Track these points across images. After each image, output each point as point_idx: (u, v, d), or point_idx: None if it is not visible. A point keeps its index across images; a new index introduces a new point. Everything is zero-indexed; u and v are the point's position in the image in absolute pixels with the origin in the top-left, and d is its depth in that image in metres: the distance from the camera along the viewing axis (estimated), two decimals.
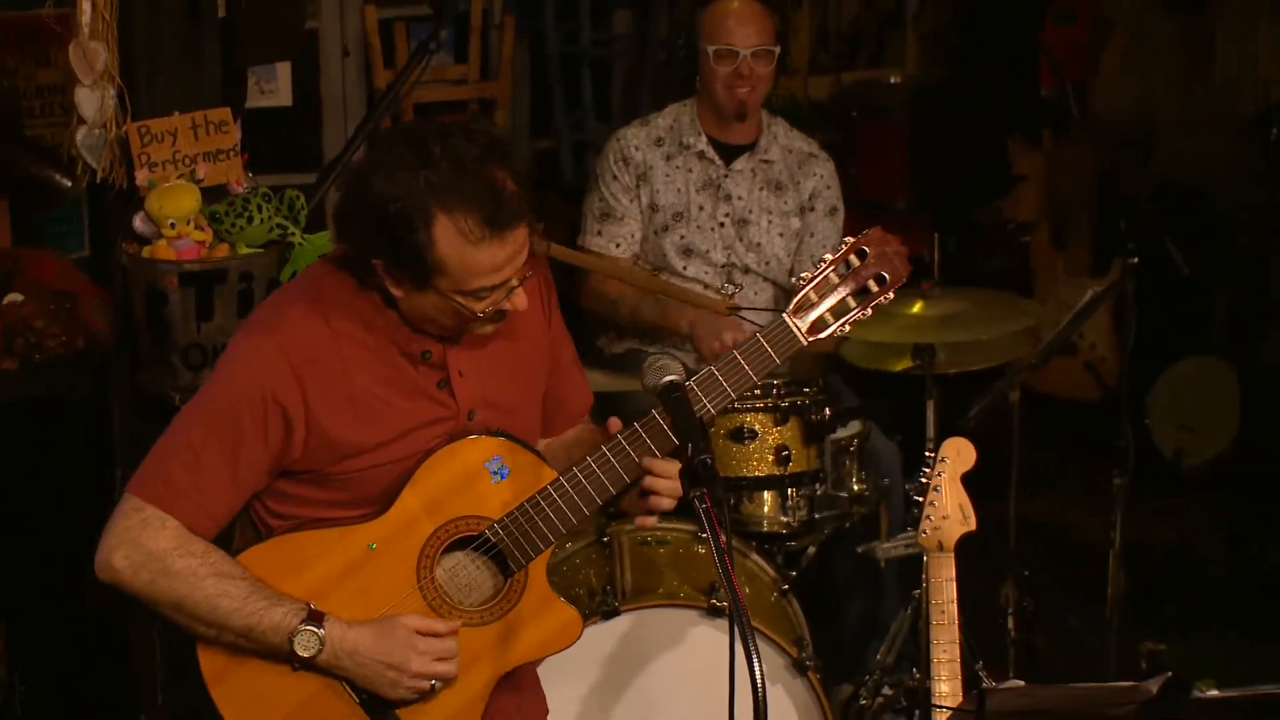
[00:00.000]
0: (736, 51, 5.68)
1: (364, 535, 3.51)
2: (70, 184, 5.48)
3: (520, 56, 7.88)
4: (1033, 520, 6.01)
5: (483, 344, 3.60)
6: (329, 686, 3.52)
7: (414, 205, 3.34)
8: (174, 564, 3.42)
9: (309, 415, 3.46)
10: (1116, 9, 8.54)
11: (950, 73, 8.80)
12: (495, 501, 3.55)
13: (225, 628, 3.44)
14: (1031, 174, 8.38)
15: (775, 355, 3.62)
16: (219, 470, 3.46)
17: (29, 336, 5.16)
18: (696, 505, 3.35)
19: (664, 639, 4.99)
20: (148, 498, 3.45)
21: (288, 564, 3.50)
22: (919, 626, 4.87)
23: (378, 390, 3.52)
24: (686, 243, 5.82)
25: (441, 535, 3.54)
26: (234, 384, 3.47)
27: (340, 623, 3.46)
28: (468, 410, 3.58)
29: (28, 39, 6.01)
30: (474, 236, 3.35)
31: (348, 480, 3.53)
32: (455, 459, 3.54)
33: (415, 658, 3.48)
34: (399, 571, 3.52)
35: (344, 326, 3.51)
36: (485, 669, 3.60)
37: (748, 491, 5.38)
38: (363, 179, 3.43)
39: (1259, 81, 8.12)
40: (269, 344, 3.47)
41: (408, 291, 3.45)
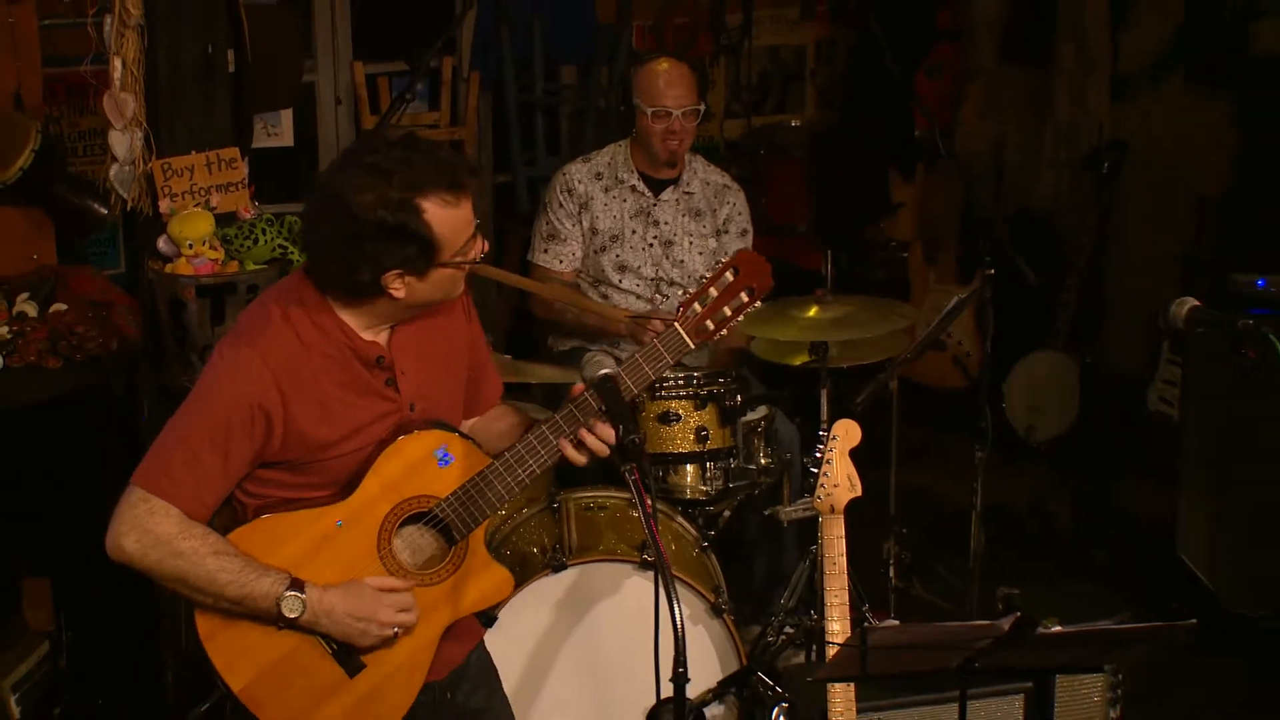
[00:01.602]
0: (670, 112, 5.67)
1: (333, 514, 3.52)
2: (106, 212, 5.45)
3: (484, 105, 7.85)
4: (909, 487, 6.03)
5: (416, 347, 3.62)
6: (305, 640, 3.53)
7: (400, 204, 3.35)
8: (179, 546, 3.41)
9: (287, 416, 3.46)
10: (975, 65, 8.55)
11: (841, 118, 8.80)
12: (441, 483, 3.57)
13: (222, 596, 3.43)
14: (907, 201, 8.39)
15: (669, 356, 3.68)
16: (213, 465, 3.44)
17: (71, 339, 5.13)
18: (627, 477, 3.38)
19: (604, 588, 4.98)
20: (152, 490, 3.43)
21: (271, 540, 3.50)
22: (815, 576, 4.86)
23: (340, 393, 3.52)
24: (621, 260, 5.80)
25: (397, 512, 3.56)
26: (224, 391, 3.45)
27: (317, 588, 3.47)
28: (409, 403, 3.60)
29: (72, 91, 5.98)
30: (451, 200, 3.40)
31: (315, 467, 3.53)
32: (408, 448, 3.56)
33: (382, 610, 3.50)
34: (363, 543, 3.54)
35: (312, 339, 3.50)
36: (436, 621, 3.64)
37: (673, 465, 5.36)
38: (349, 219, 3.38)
39: (1091, 124, 8.14)
40: (254, 357, 3.45)
41: (412, 285, 3.46)
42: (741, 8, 8.51)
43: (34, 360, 5.09)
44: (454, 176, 3.42)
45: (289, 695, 3.53)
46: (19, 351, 5.08)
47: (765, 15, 8.55)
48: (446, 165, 3.43)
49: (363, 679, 3.57)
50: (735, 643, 5.03)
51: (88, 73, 5.21)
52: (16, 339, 5.10)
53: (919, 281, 8.17)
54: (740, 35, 8.54)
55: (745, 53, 8.57)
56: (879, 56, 6.77)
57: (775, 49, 8.75)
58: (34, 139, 5.31)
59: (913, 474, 6.17)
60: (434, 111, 7.81)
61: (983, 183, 8.45)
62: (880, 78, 8.09)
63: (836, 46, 8.85)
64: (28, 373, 5.08)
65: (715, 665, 5.04)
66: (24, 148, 5.29)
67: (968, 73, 8.59)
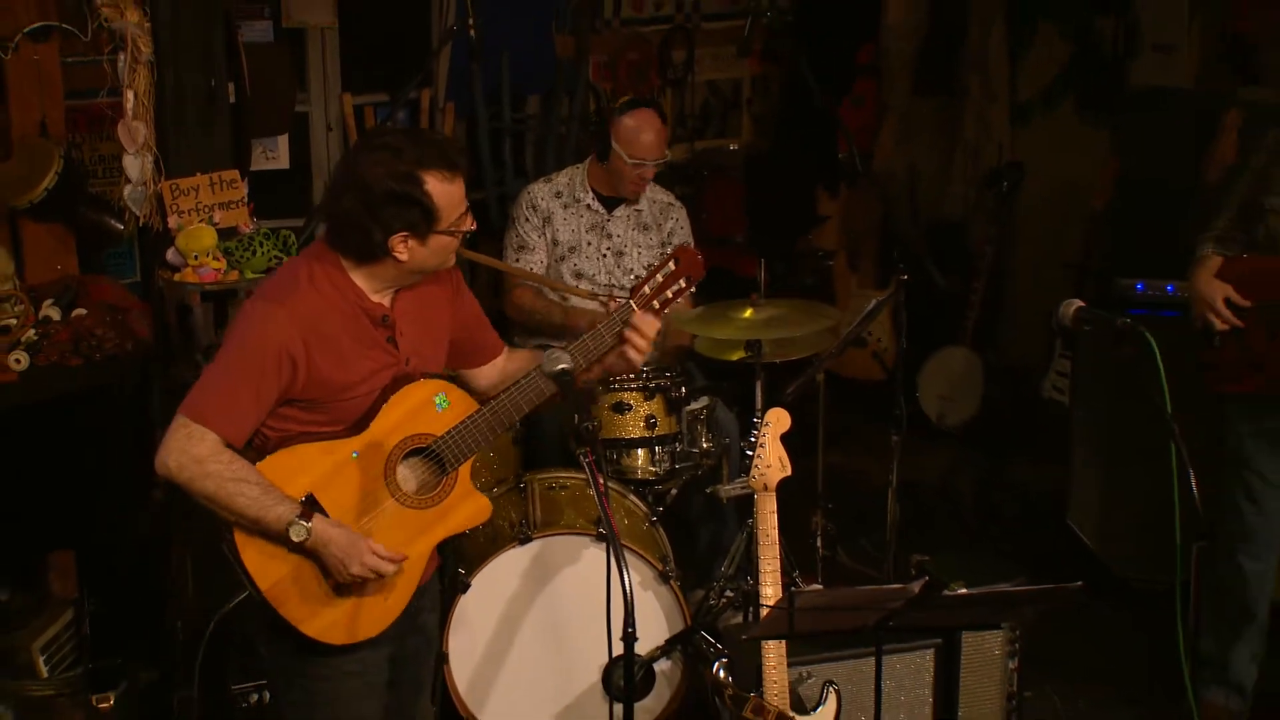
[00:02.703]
0: (644, 163, 5.70)
1: (350, 446, 3.66)
2: (122, 228, 5.44)
3: (458, 131, 7.82)
4: (834, 467, 6.03)
5: (413, 312, 3.78)
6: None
7: (406, 177, 3.55)
8: (209, 467, 3.52)
9: (309, 362, 3.58)
10: (892, 96, 8.56)
11: (774, 142, 8.80)
12: (439, 424, 3.73)
13: (242, 517, 3.55)
14: (832, 215, 8.39)
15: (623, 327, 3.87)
16: (247, 400, 3.56)
17: (90, 341, 5.10)
18: (582, 460, 3.44)
19: (565, 558, 5.00)
20: (194, 418, 3.55)
21: (298, 466, 3.63)
22: (751, 547, 4.84)
23: (352, 344, 3.65)
24: (578, 269, 5.78)
25: (402, 446, 3.71)
26: (259, 339, 3.57)
27: (324, 521, 3.60)
28: (406, 358, 3.74)
29: (91, 121, 5.91)
30: (448, 176, 3.59)
31: (328, 406, 3.65)
32: (414, 394, 3.72)
33: (356, 565, 3.61)
34: (373, 471, 3.68)
35: (331, 298, 3.65)
36: (427, 538, 3.79)
37: (625, 449, 5.36)
38: (361, 189, 3.58)
39: (993, 147, 8.16)
40: (283, 311, 3.59)
41: (414, 249, 3.63)
42: (685, 46, 8.49)
43: (57, 359, 5.08)
44: (450, 157, 3.62)
45: (305, 596, 3.66)
46: (44, 351, 5.07)
47: (706, 53, 8.55)
48: (444, 147, 3.63)
49: (370, 584, 3.69)
50: (681, 605, 5.05)
51: (104, 104, 5.19)
52: (42, 340, 5.08)
53: (843, 286, 8.17)
54: (684, 70, 8.53)
55: (689, 85, 8.56)
56: (806, 89, 6.73)
57: (715, 82, 8.74)
58: (57, 163, 5.28)
59: (837, 456, 6.18)
60: None
61: (898, 199, 8.46)
62: (808, 107, 8.08)
63: (769, 80, 8.85)
64: (52, 370, 5.08)
65: (663, 625, 5.06)
66: (48, 171, 5.25)
67: (885, 103, 8.59)
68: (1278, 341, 4.84)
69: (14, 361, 4.98)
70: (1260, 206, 4.91)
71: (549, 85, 8.15)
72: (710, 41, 8.55)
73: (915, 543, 5.94)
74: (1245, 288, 4.88)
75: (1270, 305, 4.84)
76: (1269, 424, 4.96)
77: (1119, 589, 5.96)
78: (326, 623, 3.68)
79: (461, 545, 5.19)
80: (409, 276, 3.72)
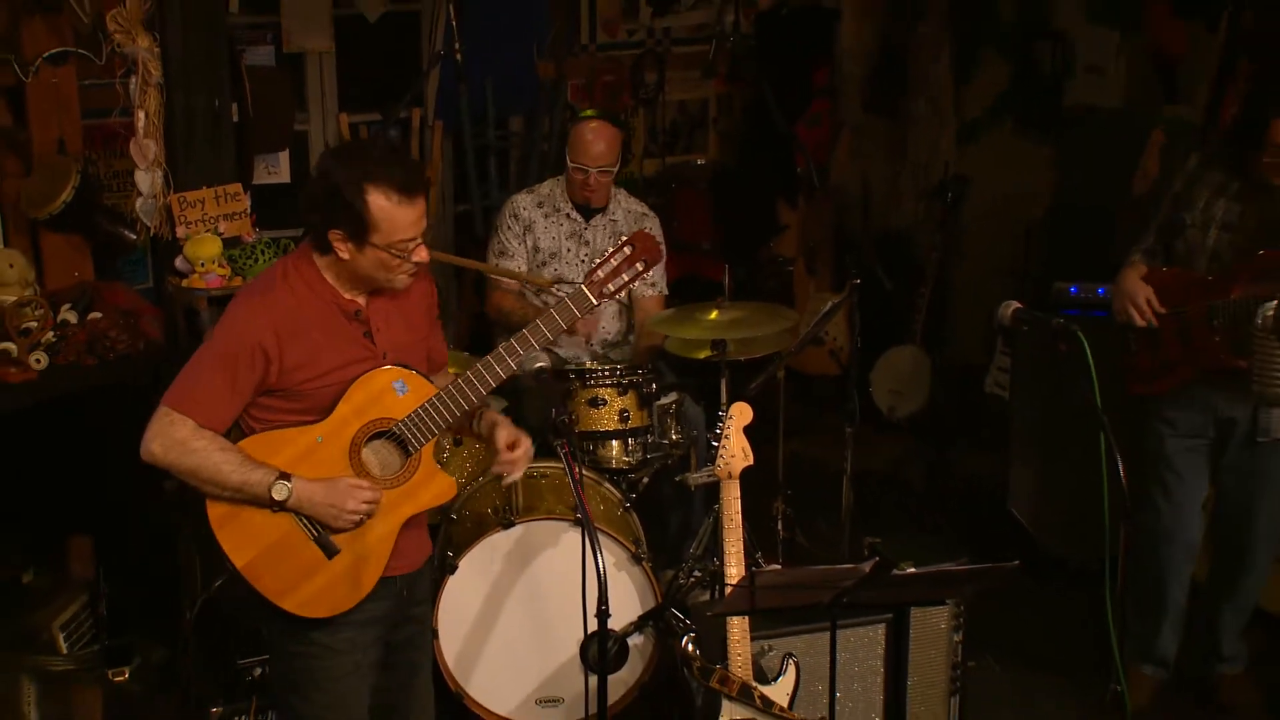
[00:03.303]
0: (587, 170, 5.67)
1: (315, 431, 3.63)
2: (134, 238, 5.42)
3: (446, 147, 7.81)
4: (793, 457, 6.03)
5: (390, 314, 3.74)
6: (294, 528, 3.63)
7: (351, 182, 3.49)
8: (192, 445, 3.54)
9: (281, 355, 3.57)
10: (846, 115, 8.57)
11: (738, 157, 8.79)
12: (400, 408, 3.68)
13: (226, 484, 3.55)
14: (792, 225, 8.39)
15: (577, 310, 3.77)
16: (222, 389, 3.56)
17: (105, 342, 5.10)
18: (559, 450, 3.41)
19: (545, 542, 4.99)
20: (173, 406, 3.58)
21: (268, 449, 3.61)
22: (717, 530, 4.86)
23: (324, 338, 3.63)
24: (558, 273, 5.78)
25: (365, 430, 3.66)
26: (235, 333, 3.58)
27: (302, 479, 3.59)
28: (383, 352, 3.70)
29: (107, 139, 5.91)
30: (394, 199, 3.51)
31: (303, 396, 3.63)
32: (372, 381, 3.66)
33: (350, 500, 3.61)
34: (337, 453, 3.64)
35: (304, 295, 3.63)
36: (397, 515, 3.74)
37: (601, 441, 5.36)
38: (321, 177, 3.58)
39: (939, 162, 8.17)
40: (257, 308, 3.61)
41: (353, 253, 3.57)
42: (656, 69, 8.49)
43: (75, 359, 5.08)
44: (404, 180, 3.53)
45: (280, 571, 3.63)
46: (63, 352, 5.06)
47: (675, 75, 8.54)
48: (400, 168, 3.55)
49: (338, 561, 3.65)
50: (652, 584, 5.05)
51: (117, 123, 5.18)
52: (60, 342, 5.08)
53: (801, 290, 8.17)
54: (655, 91, 8.52)
55: (659, 105, 8.55)
56: (767, 109, 6.76)
57: (684, 102, 8.73)
58: (74, 178, 5.28)
59: (796, 446, 6.18)
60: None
61: (852, 210, 8.46)
62: (768, 125, 8.08)
63: (733, 100, 8.84)
64: (70, 369, 5.08)
65: (636, 603, 5.06)
66: (66, 185, 5.26)
67: (839, 121, 8.60)
68: (1188, 347, 4.90)
69: (34, 361, 4.98)
70: (1181, 223, 4.98)
71: (531, 105, 8.14)
72: (679, 65, 8.55)
73: (868, 526, 5.96)
74: (1161, 295, 4.94)
75: (1182, 313, 4.91)
76: (1181, 425, 5.03)
77: (1054, 568, 5.97)
78: (305, 597, 3.66)
79: (449, 530, 5.20)
80: (364, 282, 3.68)
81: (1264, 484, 5.01)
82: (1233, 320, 4.77)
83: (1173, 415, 5.02)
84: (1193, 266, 4.93)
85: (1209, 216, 4.90)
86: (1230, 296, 4.78)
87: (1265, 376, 4.59)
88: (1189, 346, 4.89)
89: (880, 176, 8.60)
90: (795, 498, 6.07)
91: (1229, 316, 4.78)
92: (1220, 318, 4.80)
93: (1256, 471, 5.00)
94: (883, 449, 7.34)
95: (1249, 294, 4.70)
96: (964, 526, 6.58)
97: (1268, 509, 5.05)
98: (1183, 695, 5.32)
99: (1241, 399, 4.86)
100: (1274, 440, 4.93)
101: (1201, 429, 5.02)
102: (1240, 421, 4.95)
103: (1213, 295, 4.83)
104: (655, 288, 5.89)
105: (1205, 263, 4.90)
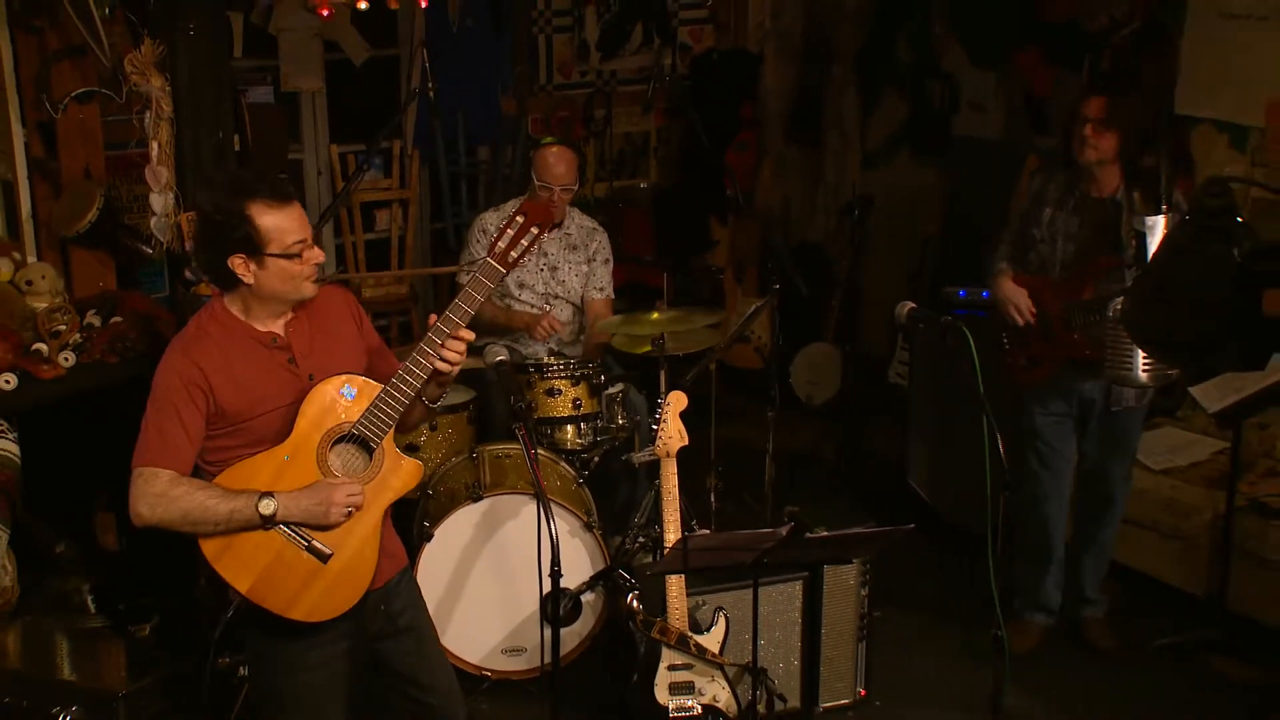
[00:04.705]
0: (552, 189, 5.61)
1: (280, 452, 3.40)
2: (151, 252, 5.35)
3: (423, 173, 7.78)
4: (723, 438, 6.00)
5: (310, 337, 3.51)
6: (286, 544, 3.40)
7: (233, 207, 3.31)
8: (174, 493, 3.32)
9: (212, 388, 3.36)
10: (769, 145, 8.56)
11: (676, 181, 8.77)
12: (353, 410, 3.43)
13: (216, 518, 3.32)
14: (722, 239, 8.38)
15: (489, 281, 3.51)
16: (176, 433, 3.35)
17: (125, 342, 5.04)
18: (517, 433, 3.33)
19: (509, 513, 4.97)
20: (143, 464, 3.36)
21: (241, 479, 3.38)
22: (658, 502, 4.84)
23: (247, 369, 3.41)
24: (521, 280, 5.75)
25: (326, 438, 3.42)
26: (167, 380, 3.38)
27: (284, 492, 3.37)
28: (308, 374, 3.47)
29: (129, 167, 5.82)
30: (272, 206, 3.32)
31: (245, 428, 3.42)
32: (321, 392, 3.42)
33: (336, 493, 3.38)
34: (306, 466, 3.41)
35: (218, 334, 3.42)
36: (376, 508, 3.50)
37: (557, 425, 5.34)
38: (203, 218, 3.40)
39: (848, 184, 8.18)
40: (181, 353, 3.39)
41: (255, 273, 3.36)
42: (605, 105, 8.47)
43: (98, 358, 5.01)
44: (273, 189, 3.35)
45: (282, 587, 3.40)
46: (87, 351, 5.00)
47: (621, 111, 8.51)
48: (264, 182, 3.36)
49: (332, 565, 3.43)
50: (602, 549, 5.04)
51: (135, 154, 5.11)
52: (86, 343, 5.01)
53: (731, 295, 8.15)
54: (604, 124, 8.49)
55: (607, 136, 8.52)
56: (700, 139, 6.74)
57: (629, 134, 8.70)
58: (99, 201, 5.21)
59: (726, 430, 6.14)
60: (387, 179, 7.73)
61: (774, 226, 8.45)
62: (701, 153, 8.11)
63: (671, 132, 8.82)
64: (94, 367, 5.02)
65: (588, 565, 5.04)
66: (91, 207, 5.19)
67: (763, 150, 8.59)
68: (1049, 342, 4.98)
69: (63, 359, 4.91)
70: (1032, 237, 5.04)
71: (496, 137, 8.12)
72: (624, 102, 8.53)
73: (788, 497, 5.98)
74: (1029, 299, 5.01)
75: (1043, 315, 4.98)
76: (1051, 406, 5.11)
77: (948, 531, 5.99)
78: (310, 605, 3.42)
79: (426, 504, 5.17)
80: (274, 303, 3.44)
81: (1117, 446, 5.13)
82: (1087, 317, 4.86)
83: (1043, 398, 5.11)
84: (1048, 274, 5.01)
85: (1054, 230, 4.99)
86: (1083, 297, 4.88)
87: (1117, 360, 4.70)
88: (1051, 342, 4.97)
89: (798, 197, 8.60)
90: (726, 473, 6.06)
91: (1083, 314, 4.87)
92: (1076, 316, 4.90)
93: (1112, 436, 5.11)
94: (801, 432, 7.33)
95: (1098, 294, 4.81)
96: (871, 497, 6.59)
97: (1120, 468, 5.16)
98: (1061, 640, 5.35)
99: (1098, 382, 4.96)
100: (1126, 408, 5.02)
101: (1067, 408, 5.10)
102: (1097, 399, 5.04)
103: (1068, 297, 4.92)
104: (603, 292, 5.87)
105: (1058, 270, 4.99)
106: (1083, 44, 6.75)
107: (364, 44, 7.61)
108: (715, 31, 8.75)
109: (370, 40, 7.63)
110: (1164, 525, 5.60)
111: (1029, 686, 4.99)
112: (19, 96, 5.25)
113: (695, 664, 4.53)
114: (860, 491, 6.68)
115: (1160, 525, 5.61)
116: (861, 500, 6.55)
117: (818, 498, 6.46)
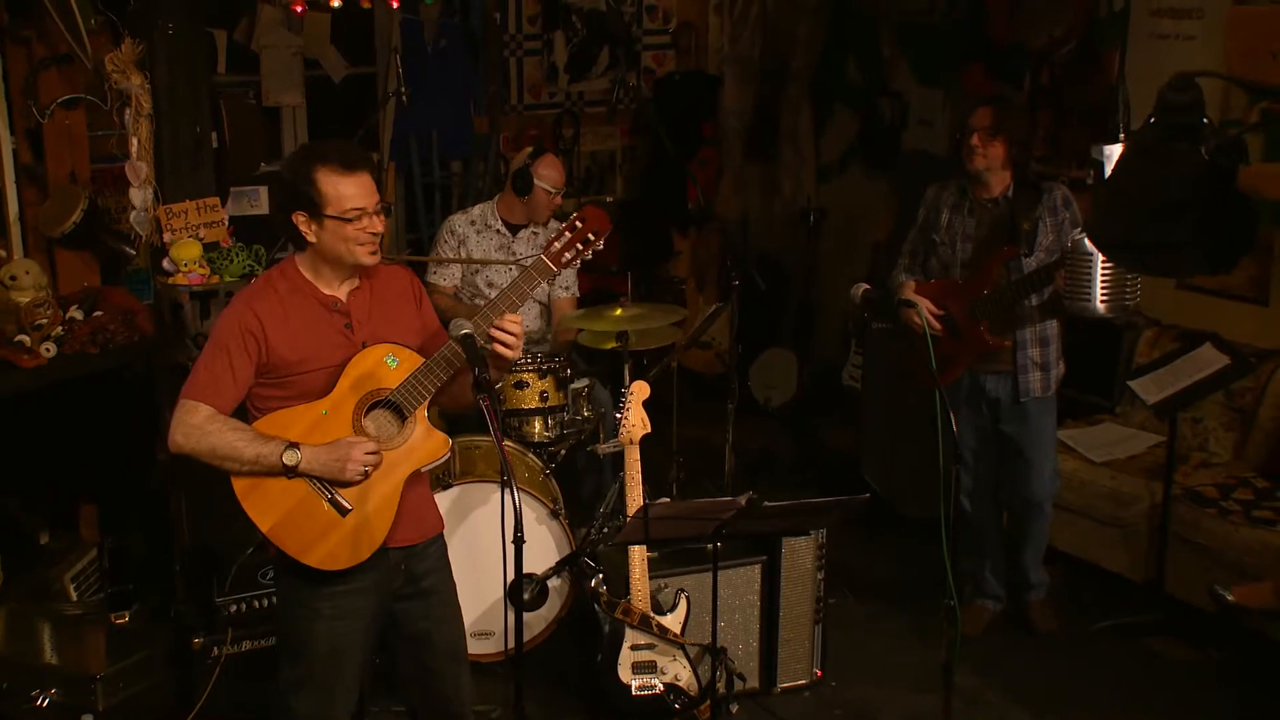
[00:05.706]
0: (551, 191, 5.58)
1: (320, 405, 3.40)
2: (134, 253, 5.27)
3: (399, 184, 7.72)
4: (684, 437, 5.89)
5: (369, 307, 3.51)
6: (309, 492, 3.39)
7: (301, 168, 3.36)
8: (208, 428, 3.34)
9: (267, 337, 3.38)
10: (728, 160, 8.54)
11: (641, 194, 8.70)
12: (393, 378, 3.43)
13: (243, 459, 3.33)
14: (684, 250, 8.36)
15: (539, 277, 3.50)
16: (224, 374, 3.37)
17: (106, 335, 4.92)
18: (481, 404, 3.23)
19: (478, 500, 4.87)
20: (186, 396, 3.38)
21: (280, 425, 3.40)
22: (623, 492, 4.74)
23: (304, 326, 3.43)
24: (489, 279, 5.63)
25: (364, 401, 3.42)
26: (226, 325, 3.41)
27: (309, 445, 3.37)
28: (361, 341, 3.46)
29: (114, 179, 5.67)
30: (338, 172, 3.34)
31: (292, 381, 3.42)
32: (368, 356, 3.43)
33: (354, 451, 3.36)
34: (342, 423, 3.40)
35: (284, 289, 3.45)
36: (396, 474, 3.45)
37: (525, 418, 5.21)
38: (278, 177, 3.47)
39: (803, 196, 8.15)
40: (245, 301, 3.43)
41: (316, 232, 3.39)
42: (573, 125, 8.41)
43: (79, 348, 4.87)
44: (343, 155, 3.38)
45: (301, 531, 3.39)
46: (69, 343, 4.86)
47: (589, 130, 8.46)
48: (339, 149, 3.40)
49: (350, 519, 3.40)
50: (568, 536, 4.94)
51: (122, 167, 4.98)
52: (67, 335, 4.88)
53: (693, 303, 8.12)
54: (573, 142, 8.44)
55: (576, 154, 8.47)
56: (664, 155, 6.68)
57: (596, 151, 8.65)
58: (83, 203, 5.09)
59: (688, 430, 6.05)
60: None
61: (734, 236, 8.41)
62: (665, 169, 8.07)
63: (636, 150, 8.76)
64: (75, 357, 4.87)
65: (554, 551, 4.94)
66: (76, 209, 5.07)
67: (723, 165, 8.57)
68: (959, 340, 4.93)
69: (45, 350, 4.78)
70: (933, 242, 5.04)
71: (468, 152, 8.06)
72: (591, 121, 8.49)
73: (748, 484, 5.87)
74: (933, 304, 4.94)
75: (949, 316, 4.93)
76: (963, 413, 5.00)
77: (899, 522, 5.93)
78: (324, 553, 3.39)
79: None
80: (339, 267, 3.44)
81: (1033, 434, 5.01)
82: (991, 310, 4.83)
83: (955, 407, 4.97)
84: (949, 276, 4.99)
85: (953, 233, 4.98)
86: (983, 294, 4.85)
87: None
88: (960, 340, 4.91)
89: (756, 209, 8.58)
90: (687, 465, 5.96)
91: (987, 307, 4.83)
92: (979, 311, 4.85)
93: (1027, 429, 5.00)
94: (759, 432, 7.24)
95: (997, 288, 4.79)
96: (827, 491, 6.38)
97: (1040, 461, 5.04)
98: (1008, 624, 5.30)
99: (1001, 376, 4.94)
100: (1033, 399, 4.96)
101: (978, 412, 5.05)
102: (1003, 397, 4.98)
103: (971, 295, 4.89)
104: (569, 290, 5.77)
105: (959, 270, 4.97)
106: (1024, 62, 6.71)
107: (343, 62, 7.55)
108: (677, 56, 8.70)
109: (349, 58, 7.57)
110: (1104, 514, 5.55)
111: (977, 667, 4.93)
112: (7, 104, 5.13)
113: (658, 644, 4.45)
114: (817, 486, 6.59)
115: (1101, 514, 5.57)
116: (818, 494, 6.32)
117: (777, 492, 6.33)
